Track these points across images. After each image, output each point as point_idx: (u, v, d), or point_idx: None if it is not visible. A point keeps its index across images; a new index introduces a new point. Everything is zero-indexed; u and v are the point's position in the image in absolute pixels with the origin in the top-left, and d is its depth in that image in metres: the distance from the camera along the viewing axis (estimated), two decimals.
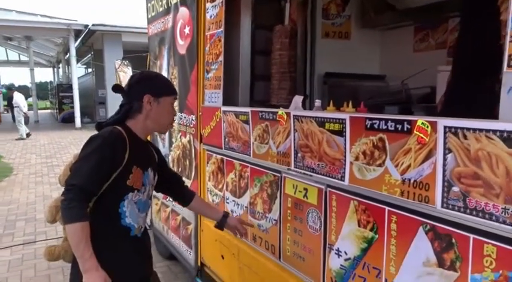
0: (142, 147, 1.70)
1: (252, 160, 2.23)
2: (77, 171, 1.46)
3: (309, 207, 1.82)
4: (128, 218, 1.59)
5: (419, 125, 1.27)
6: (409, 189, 1.32)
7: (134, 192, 1.60)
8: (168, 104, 1.69)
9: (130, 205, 1.59)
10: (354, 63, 3.29)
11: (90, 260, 1.42)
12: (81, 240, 1.41)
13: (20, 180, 7.16)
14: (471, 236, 1.16)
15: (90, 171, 1.45)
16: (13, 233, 4.53)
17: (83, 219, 1.41)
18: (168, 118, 1.72)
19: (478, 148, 1.11)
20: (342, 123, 1.58)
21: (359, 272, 1.56)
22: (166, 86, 1.75)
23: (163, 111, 1.67)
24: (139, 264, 1.69)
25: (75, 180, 1.44)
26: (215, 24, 2.59)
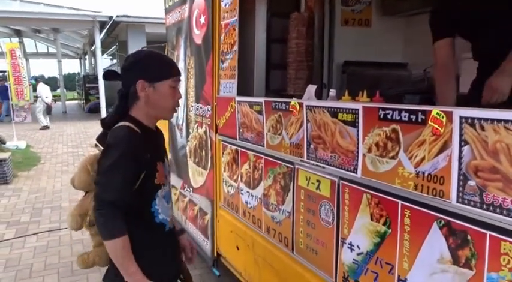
0: (155, 137, 1.61)
1: (265, 151, 2.20)
2: (106, 186, 1.39)
3: (322, 199, 1.77)
4: (161, 214, 1.54)
5: (434, 115, 1.21)
6: (423, 182, 1.26)
7: (161, 188, 1.54)
8: (166, 88, 1.50)
9: (160, 202, 1.54)
10: (375, 52, 3.19)
11: (136, 274, 1.38)
12: (124, 255, 1.37)
13: (47, 169, 7.37)
14: (488, 232, 1.09)
15: (119, 184, 1.38)
16: (39, 220, 4.67)
17: (122, 234, 1.36)
18: (169, 102, 1.53)
19: (496, 140, 1.04)
20: (355, 114, 1.52)
21: (371, 267, 1.51)
22: (161, 68, 1.53)
23: (161, 97, 1.50)
24: (176, 256, 1.68)
25: (107, 196, 1.37)
26: (230, 12, 2.55)
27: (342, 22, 3.15)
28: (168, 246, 1.61)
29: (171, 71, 1.54)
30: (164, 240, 1.59)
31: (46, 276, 3.32)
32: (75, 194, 5.66)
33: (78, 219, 1.52)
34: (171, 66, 1.57)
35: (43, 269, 3.44)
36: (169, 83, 1.52)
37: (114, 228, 1.36)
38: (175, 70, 1.57)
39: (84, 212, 1.52)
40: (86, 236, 4.14)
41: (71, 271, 3.38)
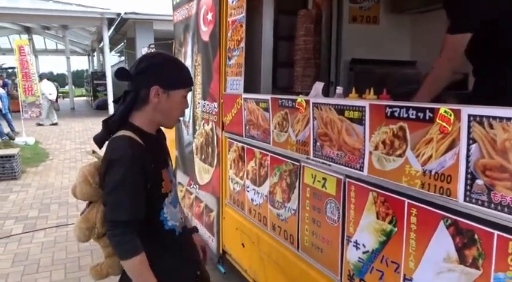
0: (157, 143, 1.54)
1: (271, 148, 2.20)
2: (115, 206, 1.35)
3: (328, 197, 1.77)
4: (170, 221, 1.52)
5: (442, 113, 1.19)
6: (430, 181, 1.25)
7: (168, 196, 1.51)
8: (179, 97, 1.47)
9: (168, 209, 1.51)
10: (383, 49, 3.17)
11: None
12: (144, 271, 1.36)
13: (55, 165, 7.43)
14: (495, 232, 1.08)
15: (131, 201, 1.34)
16: (47, 215, 4.71)
17: (139, 253, 1.34)
18: (178, 112, 1.51)
19: (505, 138, 1.03)
20: (362, 111, 1.51)
21: (377, 266, 1.50)
22: (179, 76, 1.49)
23: (172, 105, 1.46)
24: (190, 259, 1.64)
25: (119, 216, 1.34)
26: (237, 9, 2.54)
27: (350, 19, 3.13)
28: (180, 249, 1.58)
29: (188, 81, 1.52)
30: (175, 245, 1.56)
31: (53, 271, 3.35)
32: None
33: (86, 233, 1.49)
34: (188, 75, 1.53)
35: (50, 264, 3.47)
36: (183, 92, 1.49)
37: (130, 248, 1.34)
38: (191, 80, 1.55)
39: (91, 225, 1.48)
40: None
41: (78, 266, 3.41)
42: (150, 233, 1.46)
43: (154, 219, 1.47)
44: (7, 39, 24.22)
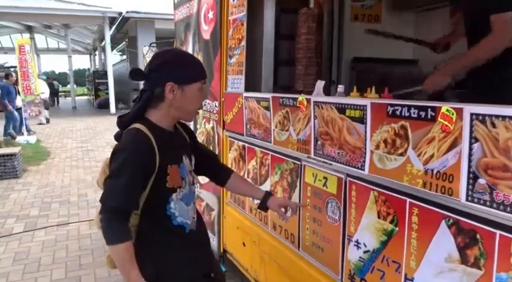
0: (170, 139, 1.52)
1: (272, 147, 2.19)
2: (110, 191, 1.37)
3: (329, 196, 1.76)
4: (179, 217, 1.49)
5: (444, 112, 1.18)
6: (432, 180, 1.24)
7: (177, 191, 1.48)
8: (194, 90, 1.47)
9: (177, 204, 1.48)
10: (385, 48, 3.13)
11: (136, 280, 1.36)
12: (126, 261, 1.35)
13: (56, 164, 7.43)
14: (497, 232, 1.07)
15: (123, 189, 1.35)
16: (48, 214, 4.71)
17: (124, 240, 1.34)
18: (195, 105, 1.52)
19: (508, 137, 1.02)
20: (363, 110, 1.50)
21: (378, 266, 1.50)
22: (192, 70, 1.49)
23: (188, 100, 1.46)
24: (200, 258, 1.60)
25: (110, 201, 1.35)
26: (238, 8, 2.53)
27: (352, 18, 3.10)
28: (190, 248, 1.55)
29: (201, 73, 1.51)
30: (185, 244, 1.53)
31: (54, 270, 3.34)
32: (83, 189, 5.72)
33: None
34: (200, 67, 1.53)
35: (51, 263, 3.46)
36: (198, 85, 1.48)
37: (115, 235, 1.34)
38: (204, 72, 1.53)
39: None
40: (94, 230, 4.17)
41: (79, 265, 3.41)
42: (158, 227, 1.47)
43: (161, 213, 1.47)
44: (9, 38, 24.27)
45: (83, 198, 5.29)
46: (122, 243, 1.33)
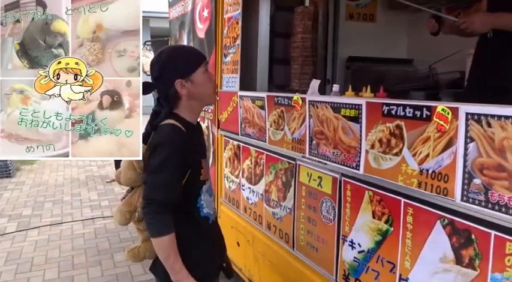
0: (198, 133, 1.61)
1: (267, 147, 2.17)
2: (154, 185, 1.42)
3: (323, 196, 1.75)
4: (205, 208, 1.55)
5: (440, 111, 1.18)
6: (427, 180, 1.23)
7: (206, 183, 1.56)
8: (200, 75, 1.50)
9: (204, 196, 1.55)
10: (380, 47, 3.14)
11: (181, 271, 1.41)
12: (170, 253, 1.40)
13: (50, 163, 7.36)
14: (492, 232, 1.06)
15: (168, 184, 1.40)
16: (41, 214, 4.66)
17: (169, 232, 1.39)
18: (209, 87, 1.55)
19: (504, 137, 1.01)
20: (358, 109, 1.49)
21: (373, 266, 1.49)
22: (190, 59, 1.52)
23: (201, 86, 1.50)
24: (221, 248, 1.69)
25: (155, 195, 1.40)
26: (233, 6, 2.52)
27: (347, 17, 3.10)
28: (213, 237, 1.62)
29: (198, 58, 1.54)
30: (208, 232, 1.60)
31: (47, 270, 3.31)
32: (77, 188, 5.68)
33: (127, 215, 1.54)
34: (195, 53, 1.59)
35: (44, 263, 3.43)
36: (201, 69, 1.51)
37: (162, 227, 1.39)
38: (200, 55, 1.58)
39: (133, 208, 1.54)
40: (87, 229, 4.15)
41: (72, 265, 3.37)
42: (187, 219, 1.51)
43: (191, 205, 1.52)
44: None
45: (76, 198, 5.25)
46: (167, 235, 1.38)
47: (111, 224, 4.28)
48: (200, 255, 1.51)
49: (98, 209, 4.76)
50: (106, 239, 3.89)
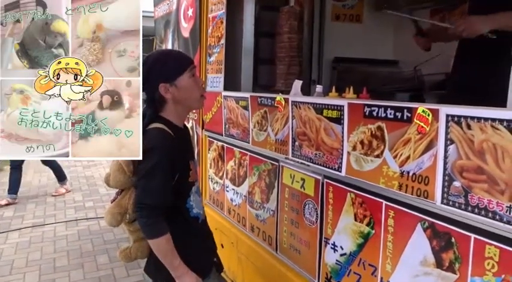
0: (185, 136, 1.63)
1: (251, 148, 2.15)
2: (146, 190, 1.44)
3: (306, 198, 1.73)
4: (195, 208, 1.58)
5: (420, 113, 1.16)
6: (408, 182, 1.22)
7: (195, 184, 1.59)
8: (185, 80, 1.50)
9: (194, 197, 1.58)
10: (365, 48, 3.13)
11: (180, 267, 1.45)
12: (168, 252, 1.44)
13: (34, 164, 7.21)
14: (472, 235, 1.05)
15: (158, 188, 1.42)
16: (23, 215, 4.57)
17: (164, 233, 1.42)
18: (194, 93, 1.54)
19: (483, 139, 1.00)
20: (340, 111, 1.48)
21: (354, 269, 1.47)
22: (175, 64, 1.52)
23: (186, 91, 1.50)
24: (211, 246, 1.72)
25: (147, 200, 1.42)
26: (217, 5, 2.49)
27: (333, 17, 3.09)
28: (203, 236, 1.66)
29: (184, 63, 1.54)
30: (199, 231, 1.62)
31: (27, 273, 3.23)
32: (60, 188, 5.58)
33: (118, 217, 1.55)
34: (181, 58, 1.59)
35: (24, 266, 3.35)
36: (187, 74, 1.51)
37: (157, 229, 1.42)
38: (186, 60, 1.58)
39: (123, 210, 1.55)
40: (70, 231, 4.07)
41: (53, 268, 3.30)
42: (177, 219, 1.53)
43: (181, 206, 1.54)
44: None
45: (60, 199, 5.15)
46: (162, 236, 1.41)
47: (95, 226, 4.22)
48: (191, 254, 1.52)
49: (82, 211, 4.68)
50: (89, 241, 3.82)
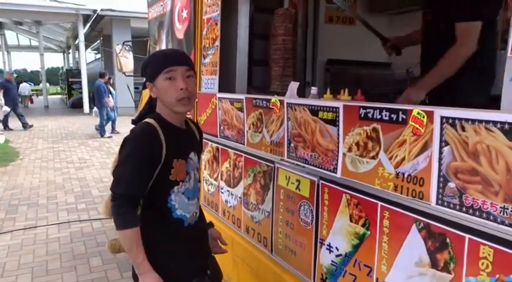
0: (179, 134, 1.57)
1: (246, 149, 2.15)
2: (119, 179, 1.44)
3: (301, 199, 1.73)
4: (178, 210, 1.54)
5: (415, 115, 1.18)
6: (403, 183, 1.23)
7: (179, 184, 1.53)
8: (161, 82, 1.48)
9: (178, 197, 1.53)
10: (359, 50, 3.15)
11: (143, 264, 1.43)
12: (133, 246, 1.42)
13: (26, 165, 7.18)
14: (467, 236, 1.07)
15: (131, 177, 1.42)
16: (15, 217, 4.52)
17: (133, 226, 1.41)
18: (170, 96, 1.49)
19: (477, 141, 1.02)
20: (336, 112, 1.49)
21: (350, 270, 1.48)
22: (154, 64, 1.53)
23: (162, 93, 1.50)
24: (196, 253, 1.62)
25: (119, 189, 1.42)
26: (212, 7, 2.49)
27: (327, 20, 3.11)
28: (187, 243, 1.58)
29: (161, 64, 1.51)
30: (182, 236, 1.57)
31: (19, 275, 3.20)
32: (53, 191, 5.54)
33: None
34: (162, 58, 1.56)
35: (16, 269, 3.32)
36: (162, 76, 1.48)
37: (125, 220, 1.41)
38: (164, 62, 1.52)
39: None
40: (63, 233, 4.05)
41: (46, 270, 3.27)
42: (158, 218, 1.52)
43: (162, 205, 1.52)
44: None
45: (52, 201, 5.11)
46: (129, 229, 1.40)
47: (88, 228, 4.19)
48: (168, 256, 1.50)
49: (75, 212, 4.65)
50: (82, 243, 3.79)
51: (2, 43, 23.70)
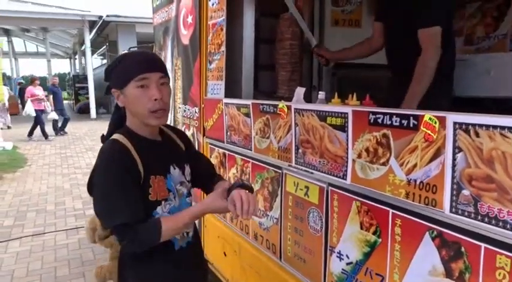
0: (153, 148, 1.39)
1: (253, 155, 2.13)
2: (109, 211, 1.28)
3: (310, 206, 1.71)
4: None
5: (427, 120, 1.15)
6: (415, 190, 1.20)
7: (161, 204, 1.36)
8: (131, 90, 1.30)
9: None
10: None
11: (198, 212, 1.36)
12: (178, 226, 1.31)
13: (34, 171, 7.22)
14: (482, 245, 1.04)
15: (124, 205, 1.25)
16: (23, 224, 4.55)
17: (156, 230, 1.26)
18: (141, 106, 1.31)
19: (492, 147, 0.99)
20: (344, 118, 1.46)
21: (361, 278, 1.45)
22: (125, 69, 1.32)
23: (132, 102, 1.32)
24: (184, 277, 1.47)
25: (116, 221, 1.26)
26: (217, 12, 2.48)
27: (332, 22, 3.09)
28: (177, 267, 1.43)
29: (134, 69, 1.30)
30: (171, 260, 1.41)
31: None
32: (61, 197, 5.56)
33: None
34: (136, 63, 1.33)
35: (25, 275, 3.33)
36: (133, 83, 1.29)
37: (147, 240, 1.27)
38: (138, 67, 1.31)
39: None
40: (71, 240, 4.05)
41: (54, 277, 3.28)
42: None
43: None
44: None
45: (60, 207, 5.13)
46: (161, 229, 1.27)
47: None
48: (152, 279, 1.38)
49: (83, 218, 4.65)
50: (90, 249, 3.79)
51: (10, 50, 23.96)
